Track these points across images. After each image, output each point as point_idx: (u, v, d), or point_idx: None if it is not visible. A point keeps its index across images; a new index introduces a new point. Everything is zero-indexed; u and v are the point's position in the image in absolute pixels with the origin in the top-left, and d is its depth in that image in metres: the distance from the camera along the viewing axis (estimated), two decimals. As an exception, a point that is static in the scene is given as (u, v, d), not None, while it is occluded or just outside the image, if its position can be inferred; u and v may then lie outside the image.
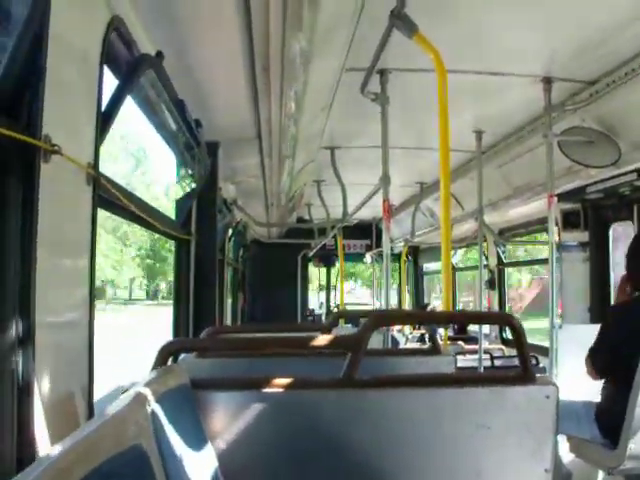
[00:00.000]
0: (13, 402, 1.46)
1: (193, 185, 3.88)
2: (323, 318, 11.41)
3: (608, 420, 3.27)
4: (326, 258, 11.20)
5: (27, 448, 1.49)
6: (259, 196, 6.53)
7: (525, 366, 1.88)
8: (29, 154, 1.48)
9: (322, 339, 1.97)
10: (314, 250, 9.84)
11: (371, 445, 1.84)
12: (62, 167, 1.62)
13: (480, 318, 3.22)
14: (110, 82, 2.08)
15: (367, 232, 10.40)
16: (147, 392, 1.45)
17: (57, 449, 1.01)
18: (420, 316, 2.53)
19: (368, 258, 11.58)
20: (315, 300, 13.62)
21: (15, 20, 1.46)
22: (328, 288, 11.92)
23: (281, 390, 1.85)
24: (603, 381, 3.41)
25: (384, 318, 2.37)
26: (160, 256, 37.63)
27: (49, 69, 1.52)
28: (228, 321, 7.09)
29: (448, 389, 1.88)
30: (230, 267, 7.28)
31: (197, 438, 1.69)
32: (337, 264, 11.21)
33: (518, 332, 1.87)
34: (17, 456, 1.47)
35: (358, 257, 11.70)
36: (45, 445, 1.53)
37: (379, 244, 10.21)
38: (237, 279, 8.47)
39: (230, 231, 6.94)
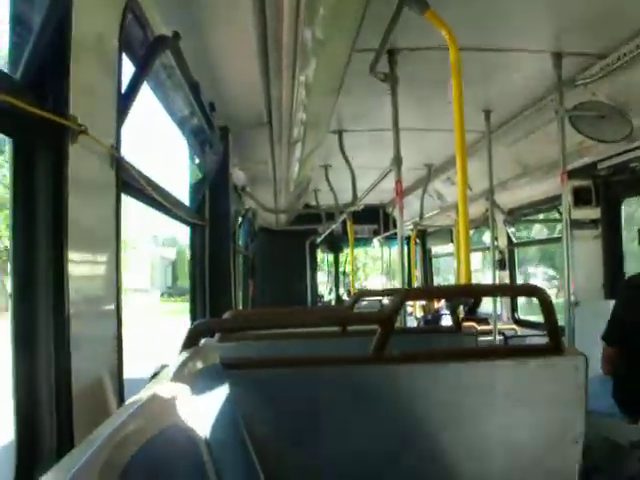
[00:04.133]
0: (51, 390, 1.47)
1: (204, 171, 3.86)
2: (332, 304, 11.43)
3: (627, 395, 3.28)
4: (334, 244, 11.20)
5: (65, 434, 1.50)
6: (267, 183, 6.50)
7: (555, 337, 1.87)
8: (58, 134, 1.48)
9: (354, 314, 1.97)
10: (322, 236, 9.83)
11: (403, 418, 1.85)
12: (88, 148, 1.62)
13: (508, 291, 3.22)
14: (127, 64, 2.08)
15: (374, 217, 10.35)
16: (182, 373, 1.45)
17: (98, 434, 1.00)
18: (449, 290, 2.53)
19: (376, 243, 11.56)
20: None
21: (39, 6, 1.47)
22: (337, 274, 11.91)
23: (312, 367, 1.85)
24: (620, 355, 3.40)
25: (413, 293, 2.36)
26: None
27: (72, 53, 1.53)
28: (239, 308, 7.10)
29: (477, 363, 1.87)
30: (240, 254, 7.28)
31: (231, 417, 1.70)
32: (345, 249, 11.21)
33: (546, 304, 1.86)
34: (57, 444, 1.48)
35: (365, 242, 11.67)
36: (82, 429, 1.54)
37: (386, 228, 10.20)
38: (247, 266, 8.48)
39: (240, 218, 6.93)
